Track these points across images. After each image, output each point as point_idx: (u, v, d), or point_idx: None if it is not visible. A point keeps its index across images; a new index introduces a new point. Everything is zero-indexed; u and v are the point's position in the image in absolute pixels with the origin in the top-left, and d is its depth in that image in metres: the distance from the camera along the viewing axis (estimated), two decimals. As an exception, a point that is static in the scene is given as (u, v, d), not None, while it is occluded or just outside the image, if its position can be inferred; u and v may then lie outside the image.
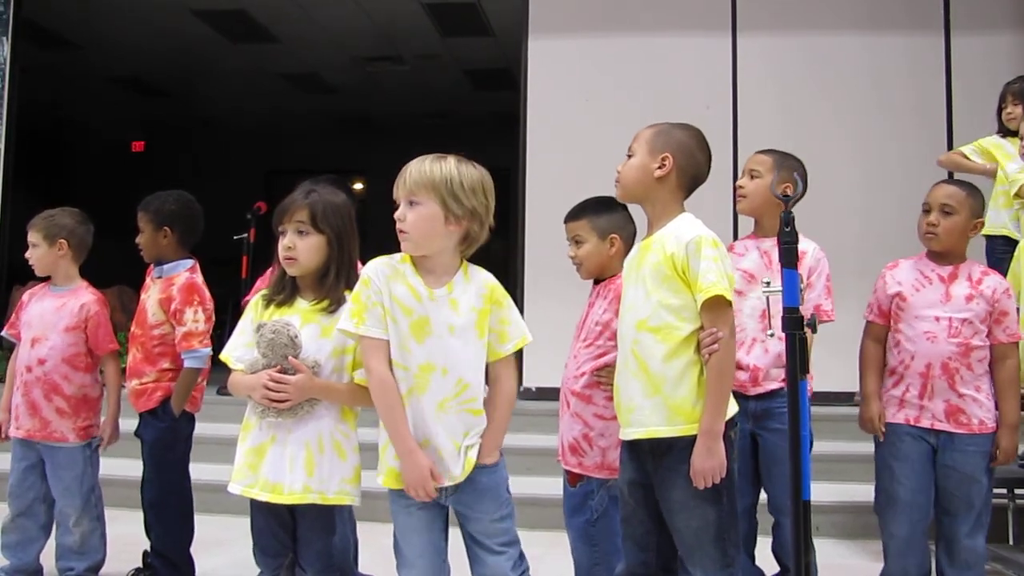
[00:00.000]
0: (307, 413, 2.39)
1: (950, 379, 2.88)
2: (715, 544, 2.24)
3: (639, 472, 2.34)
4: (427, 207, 2.23)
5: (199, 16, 8.10)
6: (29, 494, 3.35)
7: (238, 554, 3.50)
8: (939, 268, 2.98)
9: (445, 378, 2.24)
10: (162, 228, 3.41)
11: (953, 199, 2.94)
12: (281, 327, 2.39)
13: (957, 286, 2.94)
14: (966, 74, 5.79)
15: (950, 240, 2.95)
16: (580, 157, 5.87)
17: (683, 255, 2.24)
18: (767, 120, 5.82)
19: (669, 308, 2.26)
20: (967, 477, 2.87)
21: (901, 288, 3.00)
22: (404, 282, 2.27)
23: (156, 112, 11.17)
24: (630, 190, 2.40)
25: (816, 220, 3.45)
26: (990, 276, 2.99)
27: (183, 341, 3.32)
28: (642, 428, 2.28)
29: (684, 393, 2.23)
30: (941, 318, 2.92)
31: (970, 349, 2.89)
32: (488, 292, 2.31)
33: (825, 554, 3.32)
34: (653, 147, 2.36)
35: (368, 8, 7.86)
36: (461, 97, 10.43)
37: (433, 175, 2.23)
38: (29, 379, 3.33)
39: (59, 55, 9.02)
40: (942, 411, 2.89)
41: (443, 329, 2.25)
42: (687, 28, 6.04)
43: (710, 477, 2.19)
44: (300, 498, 2.36)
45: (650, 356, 2.27)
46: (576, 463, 2.72)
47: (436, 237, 2.25)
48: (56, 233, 3.39)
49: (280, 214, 2.48)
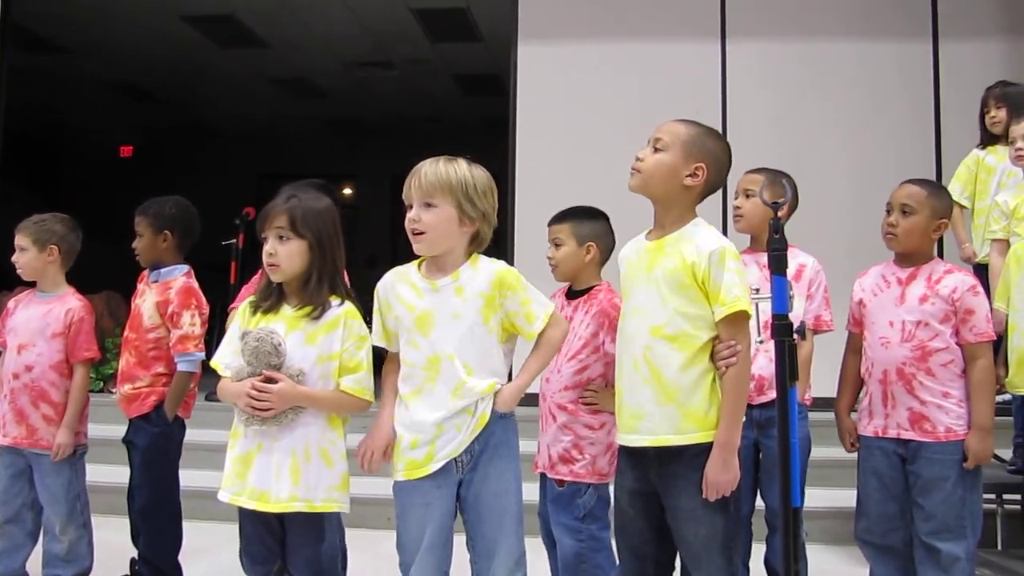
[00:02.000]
0: (292, 421, 2.38)
1: (907, 385, 2.79)
2: (721, 552, 2.23)
3: (640, 481, 2.31)
4: (443, 209, 2.28)
5: (188, 21, 8.08)
6: (16, 501, 3.33)
7: (226, 561, 3.48)
8: (900, 271, 2.90)
9: (453, 364, 2.27)
10: (162, 232, 3.40)
11: (912, 199, 2.86)
12: (265, 335, 2.39)
13: (913, 287, 2.85)
14: (955, 80, 5.79)
15: (910, 241, 2.86)
16: (570, 162, 5.88)
17: (705, 265, 2.21)
18: (756, 126, 5.82)
19: (686, 316, 2.23)
20: (932, 485, 2.76)
21: (863, 294, 2.96)
22: (406, 280, 2.35)
23: (147, 117, 11.14)
24: (650, 186, 2.31)
25: (807, 226, 3.45)
26: (952, 275, 2.84)
27: (178, 344, 3.31)
28: (651, 436, 2.24)
29: (697, 401, 2.22)
30: (895, 322, 2.83)
31: (928, 353, 2.78)
32: (496, 278, 2.32)
33: (814, 560, 3.32)
34: (689, 152, 2.29)
35: (358, 13, 7.85)
36: (451, 102, 10.43)
37: (449, 177, 2.29)
38: (16, 386, 3.31)
39: (48, 60, 8.98)
40: (906, 419, 2.79)
41: (447, 316, 2.29)
42: (676, 33, 6.04)
43: (723, 490, 2.19)
44: (286, 506, 2.36)
45: (665, 364, 2.23)
46: (567, 471, 2.74)
47: (450, 238, 2.30)
48: (47, 239, 3.38)
49: (262, 220, 2.49)
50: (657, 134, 2.33)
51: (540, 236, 2.36)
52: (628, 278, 2.38)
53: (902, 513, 2.83)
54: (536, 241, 5.68)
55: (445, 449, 2.28)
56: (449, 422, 2.28)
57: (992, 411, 2.84)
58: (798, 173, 3.11)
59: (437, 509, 2.30)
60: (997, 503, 3.86)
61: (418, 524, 2.31)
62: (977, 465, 2.77)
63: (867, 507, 2.89)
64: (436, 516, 2.30)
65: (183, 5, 7.74)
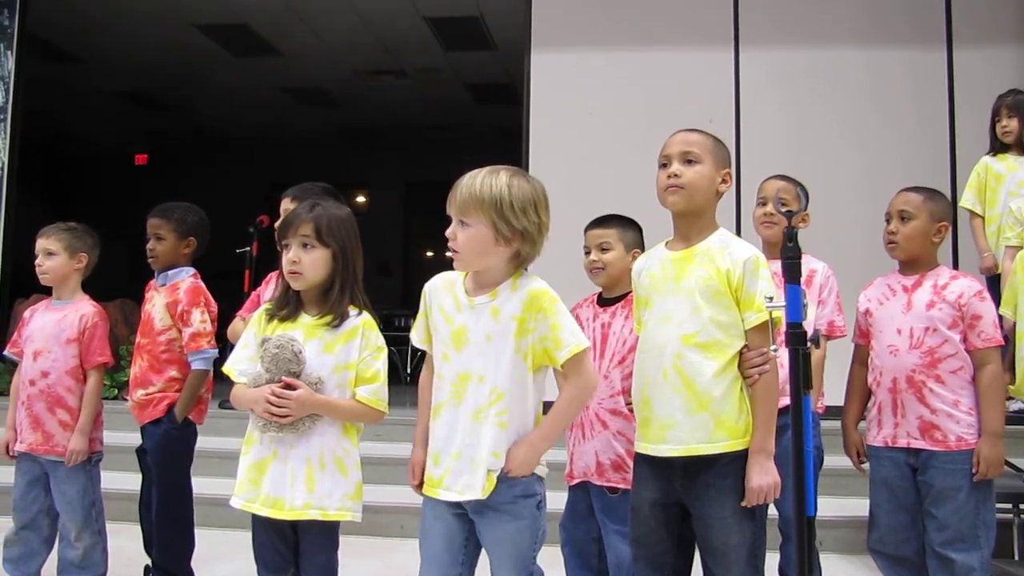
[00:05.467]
0: (308, 429, 2.38)
1: (918, 392, 2.78)
2: (748, 560, 2.23)
3: (664, 491, 2.29)
4: (476, 228, 2.15)
5: (202, 30, 8.14)
6: (33, 507, 3.34)
7: (239, 568, 3.49)
8: (905, 279, 2.90)
9: (481, 386, 2.17)
10: (187, 238, 3.45)
11: (910, 204, 2.87)
12: (285, 342, 2.39)
13: (919, 293, 2.84)
14: (968, 87, 5.79)
15: (911, 247, 2.86)
16: (582, 171, 5.88)
17: (740, 273, 2.21)
18: (769, 133, 5.83)
19: (719, 325, 2.23)
20: (944, 495, 2.75)
21: (869, 304, 2.96)
22: (451, 291, 2.26)
23: (159, 125, 11.21)
24: (694, 201, 2.28)
25: (819, 233, 3.44)
26: (958, 280, 2.84)
27: (191, 341, 3.33)
28: (681, 445, 2.23)
29: (728, 409, 2.21)
30: (903, 329, 2.82)
31: (937, 359, 2.77)
32: (529, 299, 2.17)
33: (828, 570, 3.30)
34: (717, 160, 2.30)
35: (370, 22, 7.88)
36: (463, 111, 10.45)
37: (483, 195, 2.14)
38: (32, 392, 3.32)
39: (63, 69, 9.06)
40: (916, 428, 2.79)
41: (480, 337, 2.19)
42: (689, 42, 6.06)
43: (765, 495, 2.19)
44: (301, 514, 2.36)
45: (698, 373, 2.22)
46: (620, 478, 2.73)
47: (485, 257, 2.19)
48: (79, 247, 3.42)
49: (284, 228, 2.48)
50: (683, 147, 2.30)
51: (552, 244, 2.34)
52: (651, 289, 2.36)
53: (913, 523, 2.82)
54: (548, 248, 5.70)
55: (457, 484, 2.18)
56: (469, 449, 2.17)
57: (1003, 417, 2.83)
58: (810, 181, 3.11)
59: (446, 525, 2.23)
60: (1014, 512, 3.83)
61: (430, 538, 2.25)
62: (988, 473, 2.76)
63: (878, 518, 2.88)
64: (444, 532, 2.23)
65: (196, 15, 7.80)
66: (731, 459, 2.21)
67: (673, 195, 2.29)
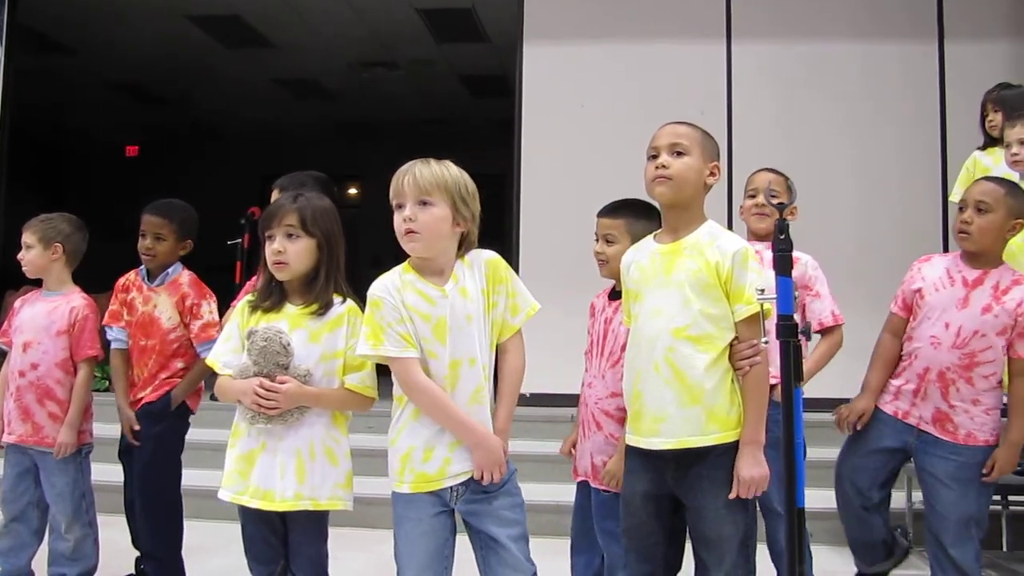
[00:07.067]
0: (297, 420, 2.39)
1: (944, 389, 2.80)
2: (740, 551, 2.24)
3: (655, 483, 2.30)
4: (440, 208, 2.23)
5: (194, 21, 8.09)
6: (23, 499, 3.34)
7: (229, 560, 3.48)
8: (967, 270, 2.83)
9: (473, 368, 2.24)
10: (185, 240, 3.46)
11: (989, 196, 2.79)
12: (273, 334, 2.39)
13: (979, 293, 2.80)
14: (960, 82, 5.79)
15: (984, 240, 2.80)
16: (575, 163, 5.89)
17: (729, 265, 2.21)
18: (761, 126, 5.84)
19: (710, 318, 2.22)
20: (941, 484, 2.78)
21: (924, 285, 2.91)
22: (413, 289, 2.25)
23: (152, 117, 11.15)
24: (683, 192, 2.28)
25: (811, 225, 3.45)
26: (1020, 286, 2.78)
27: (202, 332, 3.34)
28: (673, 439, 2.23)
29: (720, 401, 2.22)
30: (951, 324, 2.80)
31: (975, 364, 2.78)
32: (489, 270, 2.30)
33: (818, 560, 3.31)
34: (706, 153, 2.30)
35: (363, 14, 7.85)
36: (457, 103, 10.42)
37: (445, 177, 2.24)
38: (22, 384, 3.31)
39: (54, 60, 8.99)
40: (930, 416, 2.83)
41: (462, 321, 2.24)
42: (682, 34, 6.05)
43: (758, 487, 2.20)
44: (292, 505, 2.36)
45: (689, 366, 2.21)
46: None
47: (444, 238, 2.25)
48: (52, 237, 3.39)
49: (268, 219, 2.48)
50: (671, 139, 2.30)
51: (545, 236, 2.34)
52: (640, 282, 2.35)
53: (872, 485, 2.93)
54: (541, 241, 5.72)
55: (461, 466, 2.22)
56: None
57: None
58: (802, 171, 3.10)
59: (439, 522, 2.24)
60: (1002, 504, 3.85)
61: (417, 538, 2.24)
62: None
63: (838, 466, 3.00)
64: (438, 529, 2.24)
65: (189, 6, 7.75)
66: (723, 451, 2.22)
67: (661, 186, 2.29)
